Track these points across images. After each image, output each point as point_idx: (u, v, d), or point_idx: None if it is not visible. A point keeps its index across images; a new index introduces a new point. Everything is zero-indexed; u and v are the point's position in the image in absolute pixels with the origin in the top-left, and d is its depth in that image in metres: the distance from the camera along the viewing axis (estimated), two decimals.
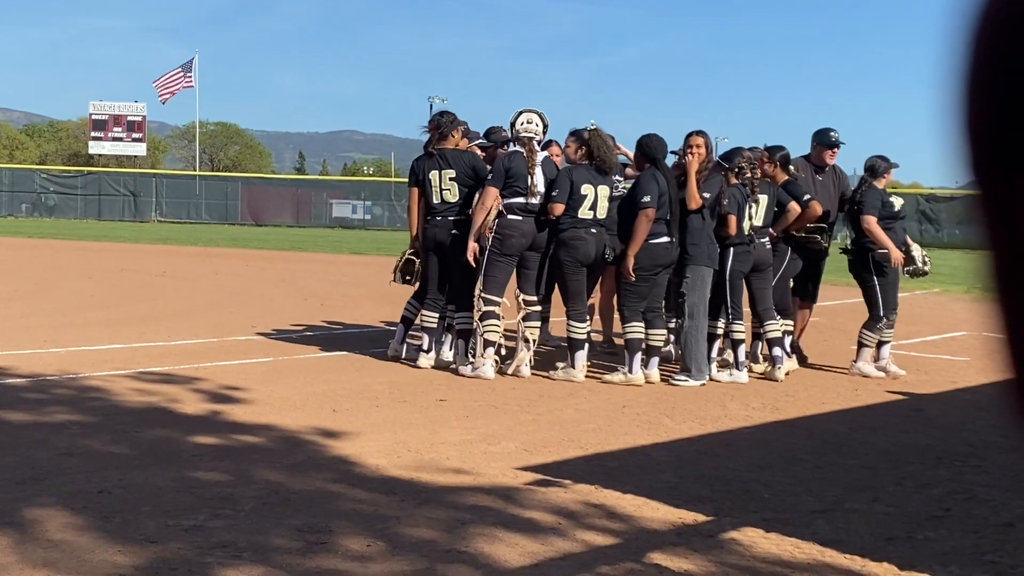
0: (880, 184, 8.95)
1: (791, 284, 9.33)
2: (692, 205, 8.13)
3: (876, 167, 9.02)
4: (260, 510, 4.40)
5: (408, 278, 8.81)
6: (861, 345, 8.97)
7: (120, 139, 66.42)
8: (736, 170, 8.47)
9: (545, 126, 8.43)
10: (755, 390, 8.10)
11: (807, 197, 8.92)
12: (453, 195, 8.43)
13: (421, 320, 8.61)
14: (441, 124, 8.56)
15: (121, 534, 4.00)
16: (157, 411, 6.45)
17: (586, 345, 8.37)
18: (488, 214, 8.12)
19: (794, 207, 8.87)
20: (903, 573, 3.93)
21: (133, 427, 5.94)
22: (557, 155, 9.02)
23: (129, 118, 66.21)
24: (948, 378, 8.92)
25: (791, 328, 9.16)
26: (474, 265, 8.19)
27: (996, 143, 0.45)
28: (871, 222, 8.71)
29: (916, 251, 9.11)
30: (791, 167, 9.10)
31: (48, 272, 18.29)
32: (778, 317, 8.73)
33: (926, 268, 9.18)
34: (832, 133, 9.61)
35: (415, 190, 8.69)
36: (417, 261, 8.72)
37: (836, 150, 9.58)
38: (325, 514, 4.37)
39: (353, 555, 3.87)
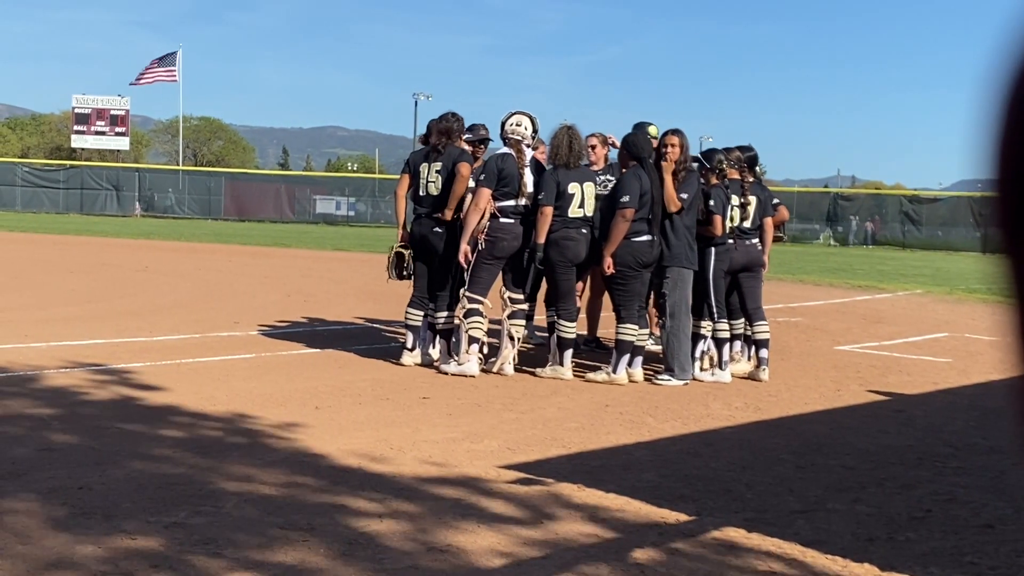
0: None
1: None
2: (672, 208, 8.09)
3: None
4: (241, 507, 4.38)
5: (404, 273, 8.78)
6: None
7: (103, 133, 66.08)
8: (717, 170, 8.47)
9: (535, 130, 8.42)
10: (738, 390, 8.12)
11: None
12: (437, 188, 8.43)
13: (405, 317, 8.60)
14: (452, 129, 8.57)
15: (102, 530, 3.98)
16: (138, 407, 6.42)
17: (575, 344, 8.37)
18: (483, 216, 8.11)
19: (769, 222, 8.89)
20: (884, 574, 3.94)
21: (114, 423, 5.91)
22: (542, 154, 9.00)
23: (112, 112, 65.89)
24: (929, 379, 8.96)
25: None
26: (466, 267, 8.17)
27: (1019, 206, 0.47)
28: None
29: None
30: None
31: (29, 266, 18.19)
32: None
33: None
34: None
35: (405, 176, 8.78)
36: (406, 254, 8.70)
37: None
38: (306, 511, 4.36)
39: (334, 552, 3.85)
